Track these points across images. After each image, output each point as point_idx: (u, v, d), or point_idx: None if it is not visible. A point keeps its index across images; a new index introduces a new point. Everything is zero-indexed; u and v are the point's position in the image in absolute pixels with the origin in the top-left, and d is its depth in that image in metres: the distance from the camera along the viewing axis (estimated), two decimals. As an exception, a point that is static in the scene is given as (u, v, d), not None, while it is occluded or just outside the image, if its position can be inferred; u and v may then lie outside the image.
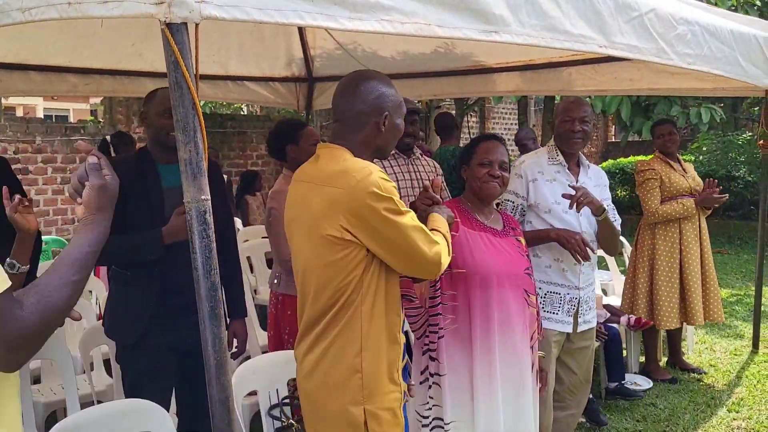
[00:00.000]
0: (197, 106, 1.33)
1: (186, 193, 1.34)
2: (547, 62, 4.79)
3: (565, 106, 2.94)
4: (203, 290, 1.37)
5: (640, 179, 4.25)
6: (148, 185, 2.51)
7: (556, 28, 2.07)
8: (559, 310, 2.86)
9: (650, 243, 4.25)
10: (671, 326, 4.17)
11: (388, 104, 1.89)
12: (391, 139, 1.94)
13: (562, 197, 2.77)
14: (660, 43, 2.75)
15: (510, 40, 1.88)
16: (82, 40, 4.39)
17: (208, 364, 1.36)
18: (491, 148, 2.44)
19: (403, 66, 5.42)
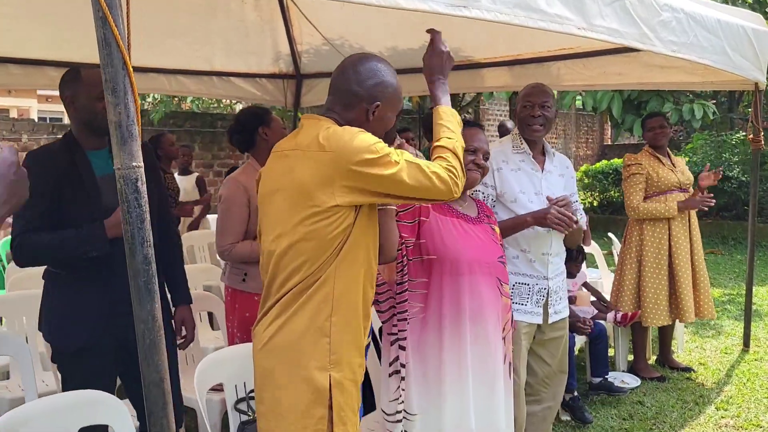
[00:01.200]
0: (128, 64, 1.26)
1: (116, 159, 1.26)
2: (535, 57, 4.73)
3: (526, 92, 2.88)
4: (136, 263, 1.29)
5: (625, 174, 4.19)
6: (81, 175, 2.33)
7: (529, 6, 2.00)
8: (527, 301, 2.78)
9: (638, 239, 4.18)
10: (658, 323, 4.09)
11: (384, 94, 1.85)
12: (377, 131, 1.86)
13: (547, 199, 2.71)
14: (643, 28, 2.69)
15: (479, 15, 1.81)
16: (61, 33, 4.31)
17: (141, 343, 1.28)
18: (475, 134, 2.37)
19: (392, 61, 5.19)
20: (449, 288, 2.21)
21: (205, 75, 5.55)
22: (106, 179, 2.38)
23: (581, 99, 7.20)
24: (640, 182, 4.11)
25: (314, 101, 6.07)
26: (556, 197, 2.70)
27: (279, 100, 6.12)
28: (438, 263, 2.22)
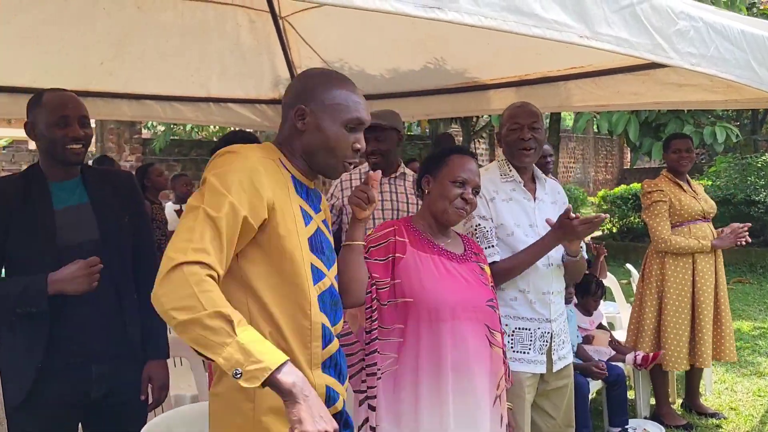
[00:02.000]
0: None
1: None
2: (543, 77, 4.48)
3: (512, 113, 2.61)
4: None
5: (646, 201, 3.86)
6: (36, 208, 2.15)
7: (521, 11, 1.73)
8: (530, 348, 2.48)
9: (659, 273, 3.84)
10: (679, 368, 3.74)
11: (311, 97, 1.66)
12: (319, 147, 1.68)
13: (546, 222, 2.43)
14: (656, 38, 2.40)
15: (458, 19, 1.54)
16: (47, 58, 4.16)
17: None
18: (467, 164, 2.10)
19: (393, 84, 5.14)
20: (428, 336, 1.93)
21: (201, 101, 5.37)
22: (67, 213, 2.23)
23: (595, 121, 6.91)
24: (664, 210, 3.80)
25: (316, 127, 5.86)
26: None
27: (280, 126, 5.92)
28: (415, 307, 1.94)
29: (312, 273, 1.63)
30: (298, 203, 1.68)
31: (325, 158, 1.69)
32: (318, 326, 1.63)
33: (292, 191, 1.67)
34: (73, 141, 2.24)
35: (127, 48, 4.27)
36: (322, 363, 1.65)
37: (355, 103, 1.73)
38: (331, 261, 1.76)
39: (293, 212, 1.64)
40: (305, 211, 1.70)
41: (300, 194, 1.70)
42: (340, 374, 1.72)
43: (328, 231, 1.82)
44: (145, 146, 8.59)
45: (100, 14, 3.89)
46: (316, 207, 1.77)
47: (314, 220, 1.73)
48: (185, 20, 4.18)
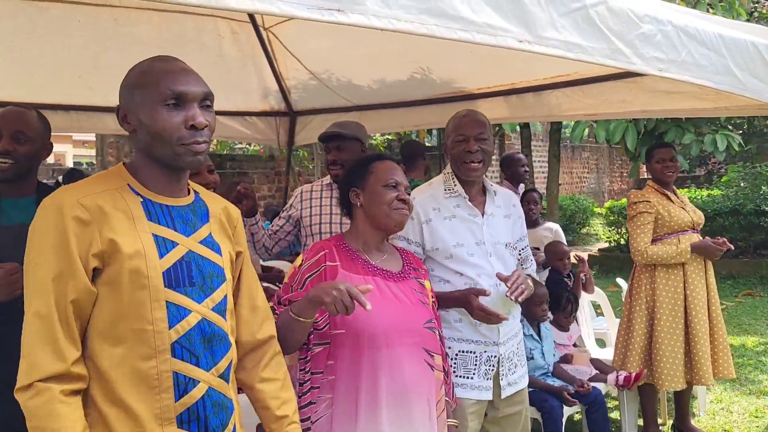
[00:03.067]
0: None
1: None
2: (531, 86, 4.37)
3: (456, 123, 2.46)
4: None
5: (631, 212, 3.72)
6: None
7: (445, 13, 1.62)
8: (474, 373, 2.35)
9: (649, 287, 3.67)
10: (676, 387, 3.56)
11: (124, 94, 1.52)
12: (150, 141, 1.48)
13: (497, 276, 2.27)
14: (615, 42, 2.28)
15: (365, 22, 1.43)
16: (23, 72, 4.14)
17: None
18: (393, 167, 1.99)
19: (381, 95, 5.06)
20: (365, 367, 1.81)
21: (188, 114, 5.33)
22: (15, 230, 2.15)
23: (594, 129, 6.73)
24: (648, 222, 3.65)
25: (308, 139, 5.81)
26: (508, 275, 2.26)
27: (271, 139, 5.86)
28: (348, 338, 1.82)
29: (168, 313, 1.44)
30: (149, 231, 1.47)
31: (161, 149, 1.47)
32: (167, 375, 1.44)
33: (141, 219, 1.47)
34: (1, 156, 2.18)
35: (105, 61, 4.22)
36: (177, 416, 1.46)
37: (168, 74, 1.49)
38: (210, 288, 1.54)
39: (141, 245, 1.44)
40: (162, 238, 1.49)
41: (155, 219, 1.50)
42: (206, 429, 1.50)
43: (214, 250, 1.58)
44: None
45: (74, 27, 3.85)
46: (187, 228, 1.55)
47: (180, 245, 1.51)
48: (162, 33, 4.14)
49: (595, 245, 12.33)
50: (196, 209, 1.61)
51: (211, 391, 1.51)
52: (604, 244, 11.57)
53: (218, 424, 1.52)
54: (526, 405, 2.50)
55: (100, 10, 3.82)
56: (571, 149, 16.70)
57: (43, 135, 2.41)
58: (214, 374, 1.52)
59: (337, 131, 3.22)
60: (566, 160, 16.07)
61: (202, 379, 1.49)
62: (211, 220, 1.63)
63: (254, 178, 9.53)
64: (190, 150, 1.48)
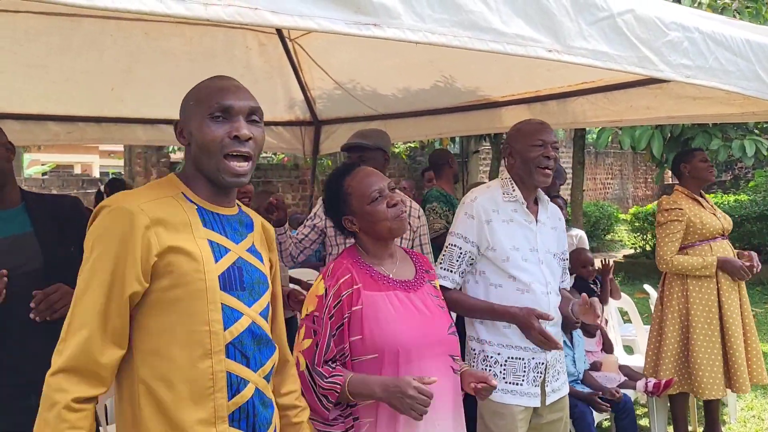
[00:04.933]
0: None
1: None
2: (555, 93, 4.39)
3: (534, 128, 2.48)
4: None
5: (661, 218, 3.69)
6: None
7: (477, 26, 1.66)
8: (523, 380, 2.35)
9: (681, 295, 3.64)
10: (717, 395, 3.52)
11: (181, 110, 1.58)
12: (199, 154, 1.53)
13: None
14: (643, 50, 2.30)
15: (400, 36, 1.48)
16: (56, 86, 4.25)
17: None
18: (366, 177, 2.00)
19: (406, 104, 5.10)
20: None
21: (217, 125, 5.42)
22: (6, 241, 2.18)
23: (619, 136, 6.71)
24: (677, 231, 3.62)
25: (333, 148, 5.88)
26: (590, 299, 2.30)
27: (296, 148, 5.94)
28: (381, 361, 1.85)
29: (223, 315, 1.50)
30: (205, 237, 1.53)
31: (208, 162, 1.53)
32: (222, 375, 1.49)
33: (197, 226, 1.53)
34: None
35: (137, 74, 4.32)
36: (229, 416, 1.51)
37: (217, 90, 1.55)
38: (258, 293, 1.61)
39: (198, 249, 1.50)
40: (217, 243, 1.55)
41: (209, 226, 1.56)
42: (253, 427, 1.55)
43: (258, 258, 1.65)
44: (172, 169, 8.72)
45: (107, 42, 3.95)
46: (236, 236, 1.61)
47: (232, 251, 1.57)
48: (193, 46, 4.22)
49: (620, 251, 12.24)
50: (242, 219, 1.68)
51: (258, 391, 1.58)
52: (629, 250, 11.49)
53: (264, 423, 1.59)
54: (567, 412, 2.52)
55: (132, 24, 3.91)
56: (594, 155, 16.61)
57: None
58: (260, 375, 1.59)
59: (359, 142, 3.26)
60: (590, 166, 15.98)
61: (251, 379, 1.56)
62: (254, 231, 1.70)
63: (279, 186, 9.63)
64: (231, 169, 1.52)
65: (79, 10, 3.59)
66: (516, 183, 2.49)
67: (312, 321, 1.91)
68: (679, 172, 3.80)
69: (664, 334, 3.66)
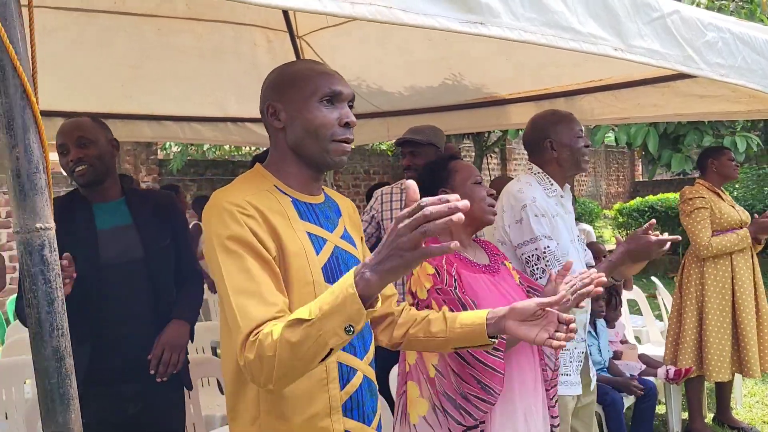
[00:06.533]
0: (29, 94, 1.00)
1: (14, 219, 0.99)
2: (563, 91, 4.48)
3: (571, 119, 2.55)
4: (42, 358, 0.98)
5: (687, 208, 3.81)
6: (79, 229, 2.23)
7: (559, 25, 1.73)
8: (570, 370, 2.42)
9: (698, 282, 3.78)
10: (723, 378, 3.66)
11: (275, 90, 1.56)
12: (304, 135, 1.52)
13: None
14: (687, 49, 2.39)
15: (500, 34, 1.54)
16: (65, 83, 4.19)
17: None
18: (472, 167, 2.08)
19: (412, 101, 5.15)
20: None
21: (219, 121, 5.41)
22: (110, 232, 2.31)
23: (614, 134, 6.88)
24: (705, 217, 3.76)
25: (333, 145, 5.88)
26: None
27: (297, 145, 5.94)
28: None
29: None
30: (304, 230, 1.53)
31: (313, 145, 1.52)
32: (334, 366, 1.50)
33: (295, 218, 1.53)
34: (75, 165, 2.30)
35: (145, 71, 4.30)
36: (342, 405, 1.51)
37: (324, 74, 1.56)
38: None
39: (300, 244, 1.49)
40: (315, 235, 1.54)
41: (306, 218, 1.56)
42: (364, 416, 1.57)
43: (351, 244, 1.65)
44: (161, 167, 8.64)
45: (120, 38, 3.92)
46: (330, 225, 1.61)
47: (329, 241, 1.57)
48: (202, 42, 4.21)
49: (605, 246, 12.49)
50: (331, 206, 1.68)
51: (366, 379, 1.59)
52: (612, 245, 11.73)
53: (371, 410, 1.61)
54: (596, 395, 2.61)
55: (145, 20, 3.89)
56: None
57: (104, 134, 2.52)
58: (366, 362, 1.60)
59: (411, 137, 3.32)
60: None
61: (359, 368, 1.57)
62: (343, 215, 1.70)
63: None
64: (340, 148, 1.54)
65: (98, 6, 3.56)
66: (551, 175, 2.54)
67: (437, 293, 1.93)
68: (705, 166, 3.93)
69: (683, 322, 3.79)
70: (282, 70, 1.61)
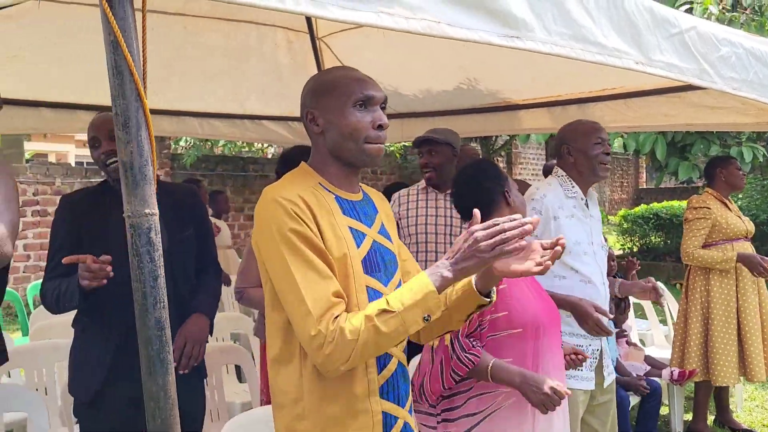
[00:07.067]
0: (142, 96, 1.12)
1: (126, 205, 1.11)
2: (576, 98, 4.58)
3: (594, 127, 2.67)
4: (147, 328, 1.11)
5: (690, 215, 3.93)
6: (107, 219, 2.28)
7: (586, 39, 1.84)
8: (582, 365, 2.54)
9: (703, 289, 3.90)
10: (731, 383, 3.78)
11: (313, 97, 1.67)
12: (341, 139, 1.63)
13: None
14: (702, 64, 2.51)
15: (534, 47, 1.65)
16: (92, 77, 4.29)
17: (151, 424, 1.10)
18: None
19: (426, 104, 5.26)
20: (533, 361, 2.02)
21: (237, 118, 5.52)
22: None
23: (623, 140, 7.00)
24: (702, 228, 3.87)
25: (346, 145, 5.98)
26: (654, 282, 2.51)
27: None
28: (524, 336, 2.02)
29: (368, 296, 1.61)
30: (346, 225, 1.63)
31: (350, 147, 1.63)
32: None
33: (338, 214, 1.64)
34: (107, 157, 2.35)
35: (173, 68, 4.40)
36: (379, 388, 1.63)
37: (357, 80, 1.66)
38: (391, 272, 1.71)
39: (343, 238, 1.60)
40: (356, 230, 1.65)
41: (348, 213, 1.66)
42: (398, 398, 1.68)
43: (387, 239, 1.76)
44: (173, 161, 8.77)
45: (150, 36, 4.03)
46: (368, 221, 1.72)
47: (368, 235, 1.68)
48: (229, 41, 4.31)
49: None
50: (368, 203, 1.79)
51: (400, 365, 1.71)
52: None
53: (405, 394, 1.72)
54: (615, 394, 2.72)
55: (174, 18, 4.00)
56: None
57: None
58: (400, 349, 1.72)
59: (429, 136, 3.44)
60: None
61: (394, 354, 1.69)
62: (379, 211, 1.81)
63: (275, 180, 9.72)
64: (374, 149, 1.65)
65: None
66: (574, 180, 2.67)
67: None
68: (713, 175, 4.03)
69: (689, 326, 3.90)
70: (318, 78, 1.72)
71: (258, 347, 3.52)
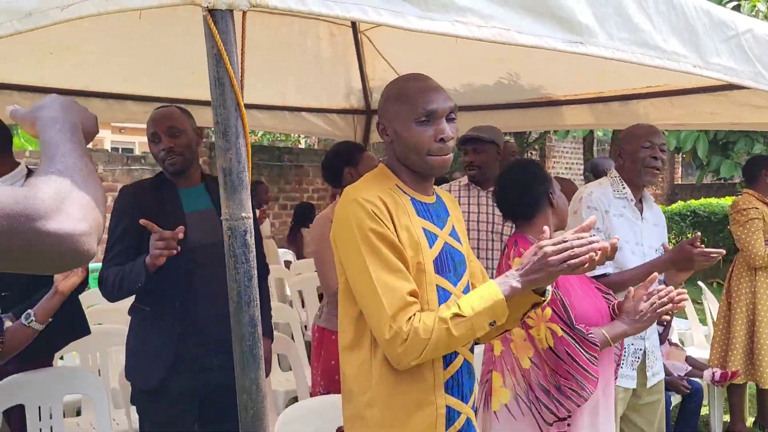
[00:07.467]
0: (241, 106, 1.17)
1: (224, 209, 1.17)
2: (619, 95, 4.55)
3: (645, 131, 2.68)
4: (241, 326, 1.17)
5: (741, 218, 3.87)
6: (168, 211, 2.35)
7: (647, 43, 1.86)
8: (623, 363, 2.56)
9: (749, 289, 3.86)
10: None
11: (383, 109, 1.72)
12: (407, 152, 1.68)
13: None
14: (757, 66, 2.50)
15: (597, 52, 1.67)
16: (141, 68, 4.40)
17: (243, 415, 1.16)
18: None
19: (466, 98, 5.26)
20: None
21: (277, 110, 5.59)
22: (195, 215, 2.43)
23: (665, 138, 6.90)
24: (759, 228, 3.83)
25: (381, 138, 6.03)
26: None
27: (348, 136, 6.08)
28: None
29: (438, 296, 1.67)
30: (420, 226, 1.69)
31: (415, 159, 1.68)
32: None
33: (413, 215, 1.69)
34: (167, 155, 2.42)
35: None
36: (444, 383, 1.68)
37: (420, 94, 1.68)
38: (460, 273, 1.77)
39: (417, 238, 1.66)
40: (429, 231, 1.70)
41: (422, 215, 1.71)
42: (462, 394, 1.73)
43: (458, 241, 1.81)
44: (211, 150, 8.89)
45: (198, 28, 4.09)
46: (440, 223, 1.77)
47: (440, 237, 1.73)
48: (273, 35, 4.36)
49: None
50: (441, 205, 1.84)
51: (465, 362, 1.77)
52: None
53: (469, 390, 1.77)
54: (663, 394, 2.73)
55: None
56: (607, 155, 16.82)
57: (190, 123, 2.63)
58: (466, 346, 1.77)
59: (475, 134, 3.46)
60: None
61: (460, 351, 1.74)
62: (450, 214, 1.86)
63: (309, 170, 9.79)
64: (438, 161, 1.69)
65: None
66: (625, 181, 2.68)
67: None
68: (756, 175, 3.98)
69: (732, 327, 3.86)
70: (387, 89, 1.77)
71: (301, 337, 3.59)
